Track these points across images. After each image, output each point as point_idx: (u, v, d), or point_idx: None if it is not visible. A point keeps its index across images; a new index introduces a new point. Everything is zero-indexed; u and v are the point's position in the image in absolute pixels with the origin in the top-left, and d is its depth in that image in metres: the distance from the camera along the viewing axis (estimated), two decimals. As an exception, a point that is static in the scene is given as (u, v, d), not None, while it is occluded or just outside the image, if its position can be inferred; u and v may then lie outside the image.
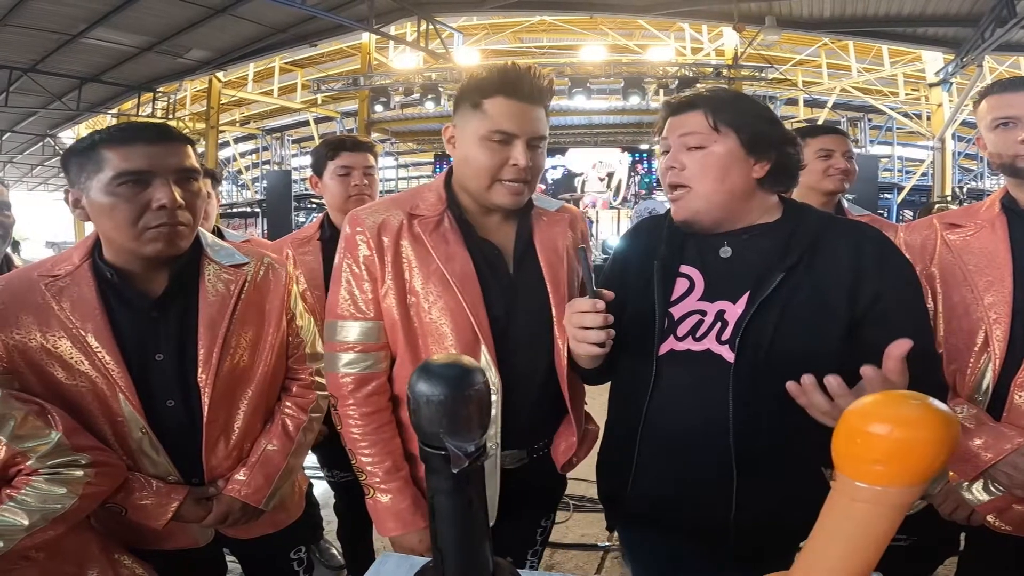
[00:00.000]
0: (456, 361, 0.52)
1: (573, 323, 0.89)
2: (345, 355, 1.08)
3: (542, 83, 1.04)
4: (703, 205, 0.96)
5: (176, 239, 1.02)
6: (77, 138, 3.66)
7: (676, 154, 0.97)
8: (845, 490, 0.47)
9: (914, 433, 0.43)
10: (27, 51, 7.90)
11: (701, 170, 0.95)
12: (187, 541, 1.14)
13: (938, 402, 0.44)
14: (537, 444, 1.16)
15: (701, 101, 0.96)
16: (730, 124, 0.94)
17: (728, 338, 0.93)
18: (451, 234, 1.08)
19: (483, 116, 1.02)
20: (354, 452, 1.10)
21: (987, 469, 1.06)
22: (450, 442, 0.49)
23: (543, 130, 1.05)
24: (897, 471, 0.44)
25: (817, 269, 0.92)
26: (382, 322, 1.08)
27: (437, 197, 1.10)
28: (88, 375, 1.02)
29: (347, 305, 1.08)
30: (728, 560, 0.95)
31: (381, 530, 1.10)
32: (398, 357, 1.10)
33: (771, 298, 0.91)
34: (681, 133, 0.96)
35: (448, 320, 1.05)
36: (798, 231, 0.95)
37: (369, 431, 1.08)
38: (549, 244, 1.13)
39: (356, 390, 1.07)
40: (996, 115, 1.15)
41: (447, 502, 0.51)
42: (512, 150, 1.02)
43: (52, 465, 0.92)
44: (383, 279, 1.06)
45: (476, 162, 1.04)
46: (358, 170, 1.77)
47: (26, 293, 1.03)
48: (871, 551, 0.49)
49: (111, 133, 1.00)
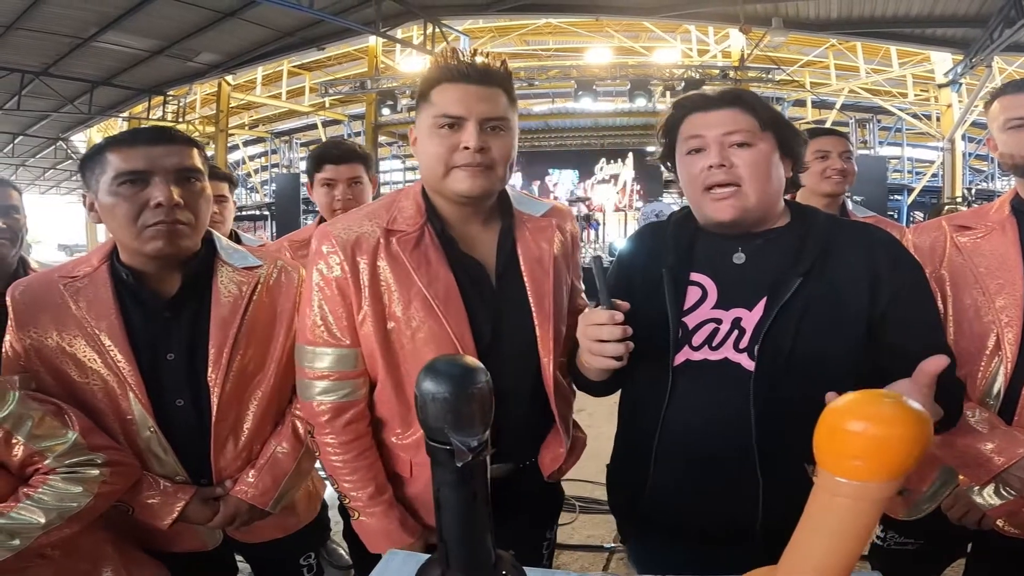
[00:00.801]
0: (460, 361, 0.55)
1: (589, 336, 0.86)
2: (319, 383, 1.03)
3: (491, 64, 0.99)
4: (754, 204, 0.93)
5: (175, 238, 1.03)
6: (88, 141, 3.66)
7: (722, 152, 0.93)
8: (826, 485, 0.50)
9: (889, 430, 0.46)
10: (39, 55, 8.00)
11: (753, 169, 0.92)
12: (195, 544, 1.15)
13: (912, 401, 0.47)
14: (525, 457, 1.15)
15: (745, 97, 0.95)
16: (770, 124, 0.94)
17: (746, 346, 0.92)
18: (432, 252, 1.02)
19: (429, 105, 0.99)
20: (335, 479, 1.07)
21: (999, 473, 1.06)
22: (455, 437, 0.52)
23: (498, 111, 0.99)
24: (874, 466, 0.47)
25: (831, 273, 0.92)
26: (359, 349, 1.03)
27: (415, 208, 1.04)
28: (100, 373, 1.04)
29: (320, 331, 1.02)
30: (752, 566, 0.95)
31: (371, 548, 1.08)
32: (379, 383, 1.05)
33: (789, 304, 0.90)
34: (726, 131, 0.93)
35: (432, 345, 1.00)
36: (810, 235, 0.95)
37: (349, 459, 1.04)
38: (533, 256, 1.08)
39: (333, 419, 1.03)
40: (1008, 116, 1.15)
41: (451, 495, 0.54)
42: (462, 134, 0.97)
43: (69, 464, 0.93)
44: (359, 304, 1.00)
45: (428, 152, 0.99)
46: (342, 182, 1.77)
47: (45, 294, 1.06)
48: (853, 543, 0.51)
49: (116, 137, 1.04)
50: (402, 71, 10.37)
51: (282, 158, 13.13)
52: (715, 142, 0.94)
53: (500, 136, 1.00)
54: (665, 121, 1.02)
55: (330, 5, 6.97)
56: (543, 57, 12.34)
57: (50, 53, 8.00)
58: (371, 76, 9.86)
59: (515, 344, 1.06)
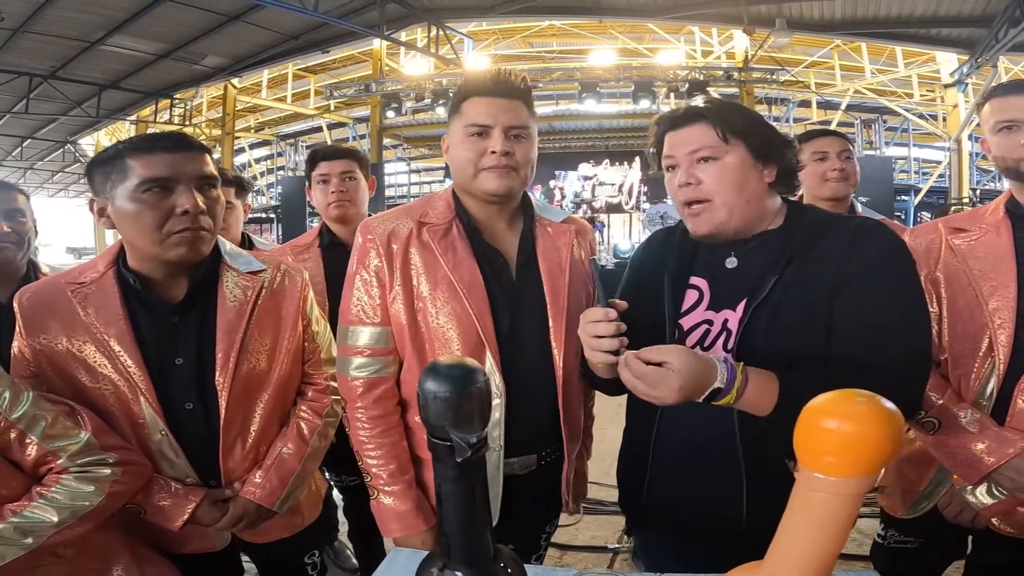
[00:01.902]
0: (460, 362, 0.58)
1: (587, 332, 0.91)
2: (356, 359, 1.12)
3: (514, 80, 1.12)
4: (725, 216, 0.95)
5: (199, 244, 1.06)
6: (97, 145, 3.69)
7: (689, 169, 0.96)
8: (806, 481, 0.52)
9: (861, 428, 0.48)
10: (47, 58, 8.07)
11: (719, 182, 0.94)
12: (205, 545, 1.16)
13: (884, 400, 0.49)
14: (546, 450, 1.18)
15: (706, 113, 0.96)
16: (737, 133, 0.95)
17: (732, 347, 0.95)
18: (459, 242, 1.12)
19: (461, 117, 1.11)
20: (360, 454, 1.14)
21: (991, 473, 1.07)
22: (455, 434, 0.55)
23: (520, 120, 1.11)
24: (848, 463, 0.49)
25: (806, 271, 0.92)
26: (390, 327, 1.12)
27: (446, 205, 1.16)
28: (111, 378, 1.05)
29: (357, 311, 1.12)
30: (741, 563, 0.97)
31: (384, 532, 1.13)
32: (406, 361, 1.13)
33: (764, 303, 0.93)
34: (691, 149, 0.96)
35: (455, 326, 1.09)
36: (795, 233, 0.96)
37: (376, 434, 1.12)
38: (551, 254, 1.17)
39: (366, 393, 1.12)
40: (999, 118, 1.16)
41: (452, 488, 0.57)
42: (489, 140, 1.09)
43: (81, 464, 0.95)
44: (391, 285, 1.10)
45: (460, 157, 1.11)
46: (335, 176, 1.84)
47: (53, 300, 1.08)
48: (833, 537, 0.53)
49: (133, 143, 1.05)
50: (406, 74, 10.40)
51: (288, 161, 13.17)
52: (683, 160, 0.97)
53: (522, 142, 1.11)
54: (653, 136, 1.05)
55: (335, 8, 7.01)
56: (547, 59, 12.36)
57: (58, 56, 8.07)
58: (375, 79, 9.91)
59: (531, 335, 1.13)
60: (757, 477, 0.94)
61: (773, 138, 0.98)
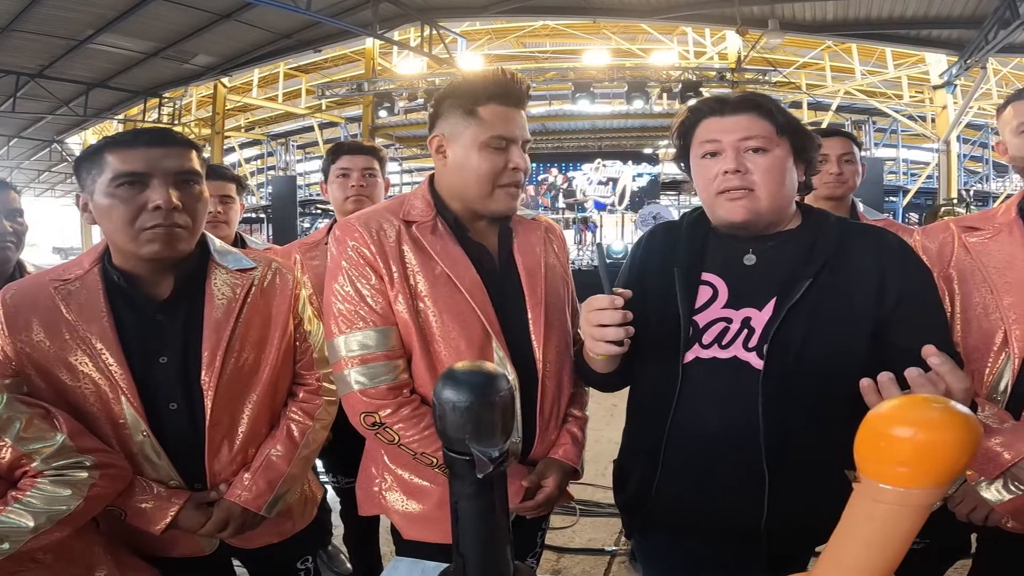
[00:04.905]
0: (480, 368, 0.53)
1: (591, 321, 0.88)
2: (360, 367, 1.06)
3: (524, 89, 1.08)
4: (766, 207, 0.95)
5: (173, 241, 1.02)
6: (84, 144, 3.65)
7: (738, 157, 0.95)
8: (868, 492, 0.48)
9: (937, 436, 0.44)
10: (34, 56, 7.98)
11: (768, 174, 0.94)
12: (193, 549, 1.13)
13: (960, 405, 0.45)
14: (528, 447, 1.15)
15: (765, 103, 0.96)
16: (787, 130, 0.95)
17: (755, 345, 0.94)
18: (448, 238, 1.10)
19: (480, 123, 1.04)
20: (426, 453, 1.06)
21: (1008, 468, 1.06)
22: (475, 448, 0.50)
23: (528, 134, 1.10)
24: (921, 473, 0.45)
25: (841, 274, 0.93)
26: (396, 326, 1.08)
27: (425, 203, 1.12)
28: (91, 377, 1.02)
29: (357, 313, 1.07)
30: (756, 564, 0.95)
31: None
32: (414, 360, 1.10)
33: (799, 304, 0.92)
34: (742, 136, 0.94)
35: (459, 323, 1.07)
36: (821, 237, 0.96)
37: (421, 428, 1.05)
38: (528, 249, 1.16)
39: (393, 400, 1.05)
40: (1021, 120, 1.20)
41: (470, 506, 0.52)
42: (510, 154, 1.05)
43: (57, 467, 0.92)
44: (392, 284, 1.07)
45: (478, 169, 1.05)
46: (356, 171, 1.81)
47: (36, 297, 1.04)
48: (892, 551, 0.49)
49: (115, 137, 1.02)
50: (399, 73, 10.37)
51: (278, 160, 13.13)
52: (731, 147, 0.95)
53: (526, 155, 1.09)
54: (680, 123, 1.03)
55: (327, 7, 6.98)
56: (540, 59, 12.38)
57: (46, 55, 7.98)
58: (368, 78, 9.86)
59: (514, 328, 1.11)
60: (780, 474, 0.92)
61: (809, 140, 0.99)
